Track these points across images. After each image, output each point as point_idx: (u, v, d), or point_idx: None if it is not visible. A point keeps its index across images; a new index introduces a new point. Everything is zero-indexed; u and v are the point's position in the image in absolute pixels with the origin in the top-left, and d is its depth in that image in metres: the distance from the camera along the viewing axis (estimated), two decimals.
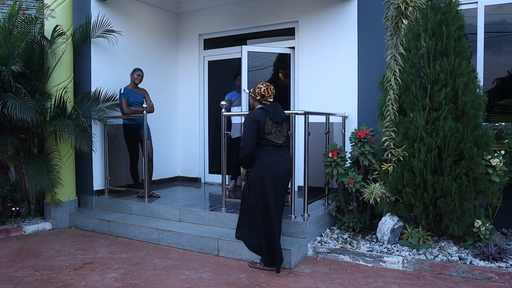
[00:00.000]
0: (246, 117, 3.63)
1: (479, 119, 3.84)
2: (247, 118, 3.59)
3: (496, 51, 4.76)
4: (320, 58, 5.64)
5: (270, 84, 3.71)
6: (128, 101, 5.44)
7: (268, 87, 3.66)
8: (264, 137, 3.55)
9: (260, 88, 3.66)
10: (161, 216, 4.97)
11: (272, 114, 3.58)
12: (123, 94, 5.43)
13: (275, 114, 3.60)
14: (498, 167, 3.74)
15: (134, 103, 5.48)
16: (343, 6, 5.40)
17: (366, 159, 4.28)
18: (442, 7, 3.96)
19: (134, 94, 5.51)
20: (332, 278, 3.49)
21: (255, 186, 3.58)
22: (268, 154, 3.57)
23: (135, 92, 5.55)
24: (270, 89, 3.66)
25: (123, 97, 5.43)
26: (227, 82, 6.87)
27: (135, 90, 5.57)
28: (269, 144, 3.57)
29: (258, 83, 3.71)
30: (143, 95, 5.62)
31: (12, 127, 4.95)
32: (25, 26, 5.03)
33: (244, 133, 3.58)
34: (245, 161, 3.60)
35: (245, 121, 3.62)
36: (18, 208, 5.37)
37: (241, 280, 3.46)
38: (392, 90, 4.09)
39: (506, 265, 3.49)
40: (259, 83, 3.70)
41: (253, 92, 3.73)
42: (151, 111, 5.58)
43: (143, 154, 5.36)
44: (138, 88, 5.63)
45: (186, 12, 6.90)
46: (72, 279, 3.51)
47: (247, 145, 3.53)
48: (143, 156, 5.30)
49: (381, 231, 4.11)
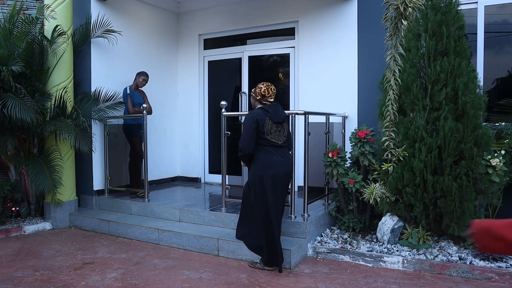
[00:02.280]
0: (245, 117, 3.63)
1: (479, 119, 3.84)
2: (246, 118, 3.59)
3: (496, 51, 4.76)
4: (320, 58, 5.64)
5: (271, 84, 3.69)
6: (133, 101, 5.54)
7: (268, 87, 3.64)
8: (263, 137, 3.54)
9: (261, 88, 3.65)
10: (161, 216, 4.97)
11: (272, 114, 3.56)
12: (130, 94, 5.52)
13: (275, 113, 3.59)
14: (498, 167, 3.74)
15: (137, 104, 5.57)
16: (343, 6, 5.40)
17: (366, 159, 4.28)
18: (442, 7, 3.97)
19: (136, 95, 5.63)
20: (332, 278, 3.49)
21: (254, 186, 3.58)
22: (267, 154, 3.56)
23: (137, 94, 5.67)
24: (270, 89, 3.65)
25: (129, 97, 5.52)
26: (227, 82, 6.87)
27: (137, 91, 5.70)
28: (268, 144, 3.56)
29: (259, 83, 3.70)
30: (142, 96, 5.74)
31: (12, 127, 4.95)
32: (25, 26, 5.03)
33: (243, 132, 3.57)
34: (244, 160, 3.68)
35: (244, 120, 3.62)
36: (18, 208, 5.37)
37: (241, 280, 3.46)
38: (391, 90, 4.10)
39: (506, 265, 3.49)
40: (260, 83, 3.69)
41: (254, 92, 3.72)
42: (150, 112, 5.63)
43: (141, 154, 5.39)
44: (139, 90, 5.76)
45: (186, 12, 6.90)
46: (72, 279, 3.51)
47: (245, 145, 3.53)
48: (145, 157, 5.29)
49: (381, 231, 4.11)
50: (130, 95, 5.52)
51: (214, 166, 6.84)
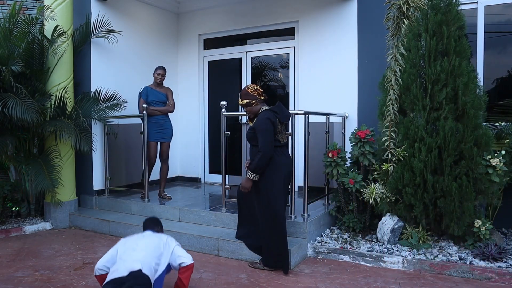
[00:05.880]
0: (260, 120, 3.49)
1: (479, 119, 3.84)
2: (262, 121, 3.45)
3: (496, 51, 4.76)
4: (320, 58, 5.64)
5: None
6: (147, 100, 5.29)
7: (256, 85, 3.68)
8: (275, 138, 3.50)
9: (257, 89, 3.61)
10: (161, 216, 4.96)
11: (280, 115, 3.55)
12: (141, 94, 5.38)
13: (282, 114, 3.58)
14: (498, 167, 3.74)
15: (154, 102, 5.31)
16: (343, 6, 5.40)
17: (366, 159, 4.28)
18: (442, 7, 3.96)
19: (154, 93, 5.35)
20: (332, 278, 3.49)
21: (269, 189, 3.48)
22: (277, 155, 3.51)
23: (156, 91, 5.38)
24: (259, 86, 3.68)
25: (141, 96, 5.36)
26: (227, 82, 6.87)
27: (158, 89, 5.41)
28: (277, 145, 3.53)
29: (246, 88, 3.61)
30: (165, 93, 5.47)
31: (12, 127, 4.95)
32: (25, 26, 5.02)
33: (263, 137, 3.40)
34: (264, 166, 3.43)
35: (260, 124, 3.45)
36: (18, 208, 5.37)
37: (241, 280, 3.46)
38: (392, 90, 4.09)
39: (506, 265, 3.49)
40: (247, 88, 3.61)
41: (252, 97, 3.57)
42: (170, 110, 5.44)
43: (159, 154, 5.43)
44: (162, 86, 5.47)
45: (186, 12, 6.90)
46: (72, 279, 3.51)
47: (269, 149, 3.39)
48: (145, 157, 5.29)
49: (381, 231, 4.11)
50: (142, 94, 5.34)
51: (214, 166, 6.84)
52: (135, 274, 2.63)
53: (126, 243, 2.93)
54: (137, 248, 2.83)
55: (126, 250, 2.84)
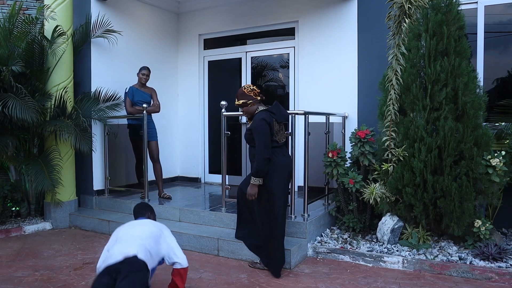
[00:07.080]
0: (256, 121, 3.48)
1: (479, 119, 3.84)
2: (258, 123, 3.43)
3: (496, 51, 4.76)
4: (320, 58, 5.64)
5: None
6: (133, 100, 5.34)
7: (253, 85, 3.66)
8: (272, 139, 3.49)
9: (254, 89, 3.59)
10: (161, 216, 4.96)
11: (277, 115, 3.53)
12: (128, 93, 5.38)
13: (279, 114, 3.56)
14: (498, 167, 3.74)
15: (139, 103, 5.36)
16: (343, 6, 5.40)
17: (366, 159, 4.28)
18: (442, 7, 3.96)
19: (140, 93, 5.40)
20: (332, 278, 3.49)
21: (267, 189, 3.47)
22: (276, 156, 3.49)
23: (142, 91, 5.43)
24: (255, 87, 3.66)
25: (127, 96, 5.37)
26: (227, 82, 6.87)
27: (142, 89, 5.46)
28: (275, 145, 3.52)
29: (242, 88, 3.59)
30: (150, 94, 5.51)
31: (12, 127, 4.95)
32: (25, 26, 5.02)
33: (260, 138, 3.39)
34: (265, 168, 3.38)
35: (257, 126, 3.43)
36: (18, 208, 5.37)
37: (241, 280, 3.46)
38: (393, 90, 4.09)
39: (506, 265, 3.49)
40: (243, 88, 3.59)
41: (248, 97, 3.54)
42: (157, 110, 5.48)
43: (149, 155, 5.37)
44: (146, 87, 5.51)
45: (186, 12, 6.90)
46: (72, 279, 3.52)
47: (265, 149, 3.37)
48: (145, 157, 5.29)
49: (381, 231, 4.11)
50: (129, 94, 5.37)
51: (214, 166, 6.84)
52: (130, 260, 2.56)
53: (120, 231, 2.87)
54: (133, 234, 2.78)
55: (122, 236, 2.79)
